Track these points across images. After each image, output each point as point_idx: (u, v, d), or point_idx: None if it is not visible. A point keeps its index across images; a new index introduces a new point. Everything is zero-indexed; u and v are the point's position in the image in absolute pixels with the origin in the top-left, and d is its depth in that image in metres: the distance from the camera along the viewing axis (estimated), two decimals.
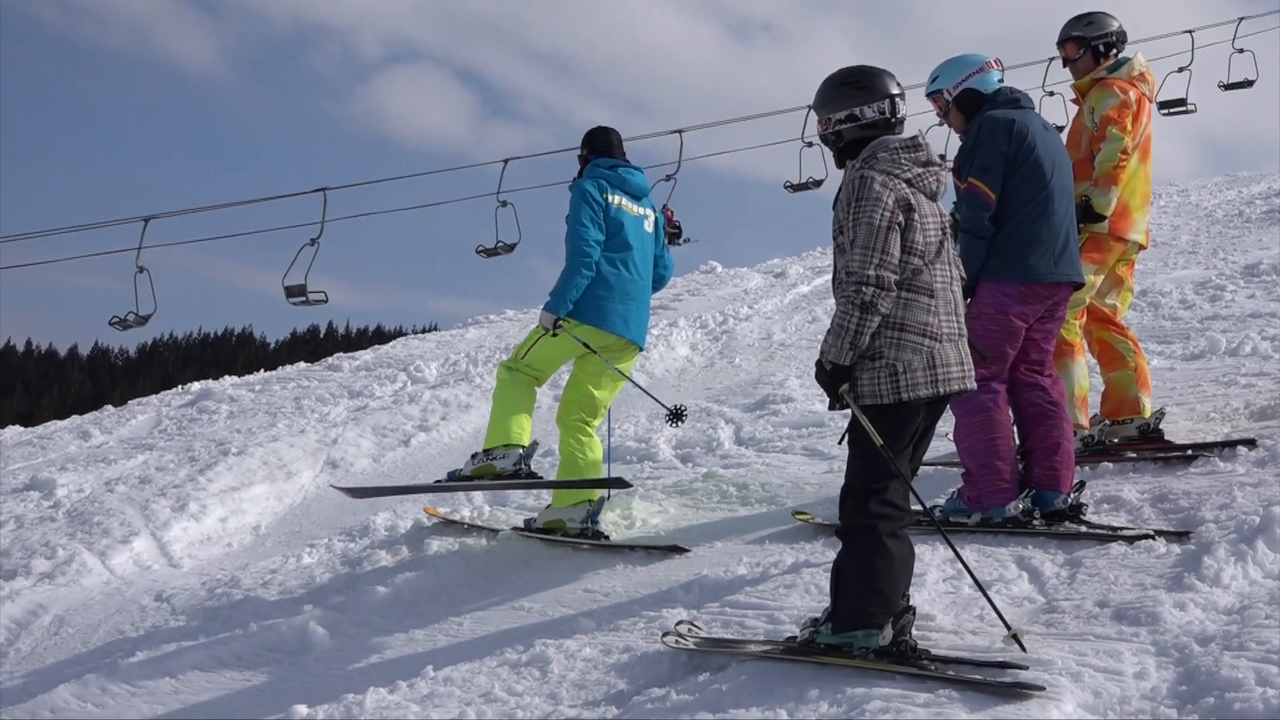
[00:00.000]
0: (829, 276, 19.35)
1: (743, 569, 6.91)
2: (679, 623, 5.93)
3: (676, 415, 7.99)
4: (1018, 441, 6.91)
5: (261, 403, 15.58)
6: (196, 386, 17.89)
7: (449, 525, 8.82)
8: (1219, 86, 14.37)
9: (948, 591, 5.96)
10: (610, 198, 7.89)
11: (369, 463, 12.35)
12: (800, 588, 6.37)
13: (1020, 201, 6.77)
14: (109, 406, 18.58)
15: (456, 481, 7.93)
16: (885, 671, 4.93)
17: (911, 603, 5.27)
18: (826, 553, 6.82)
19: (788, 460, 9.26)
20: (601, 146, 8.19)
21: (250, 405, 15.55)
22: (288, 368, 19.07)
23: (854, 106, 5.35)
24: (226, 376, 19.29)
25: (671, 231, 14.85)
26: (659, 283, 8.38)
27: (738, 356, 14.47)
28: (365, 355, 18.47)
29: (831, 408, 5.28)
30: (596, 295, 7.78)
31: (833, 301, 5.20)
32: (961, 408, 6.73)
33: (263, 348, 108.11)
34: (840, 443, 5.42)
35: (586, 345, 7.83)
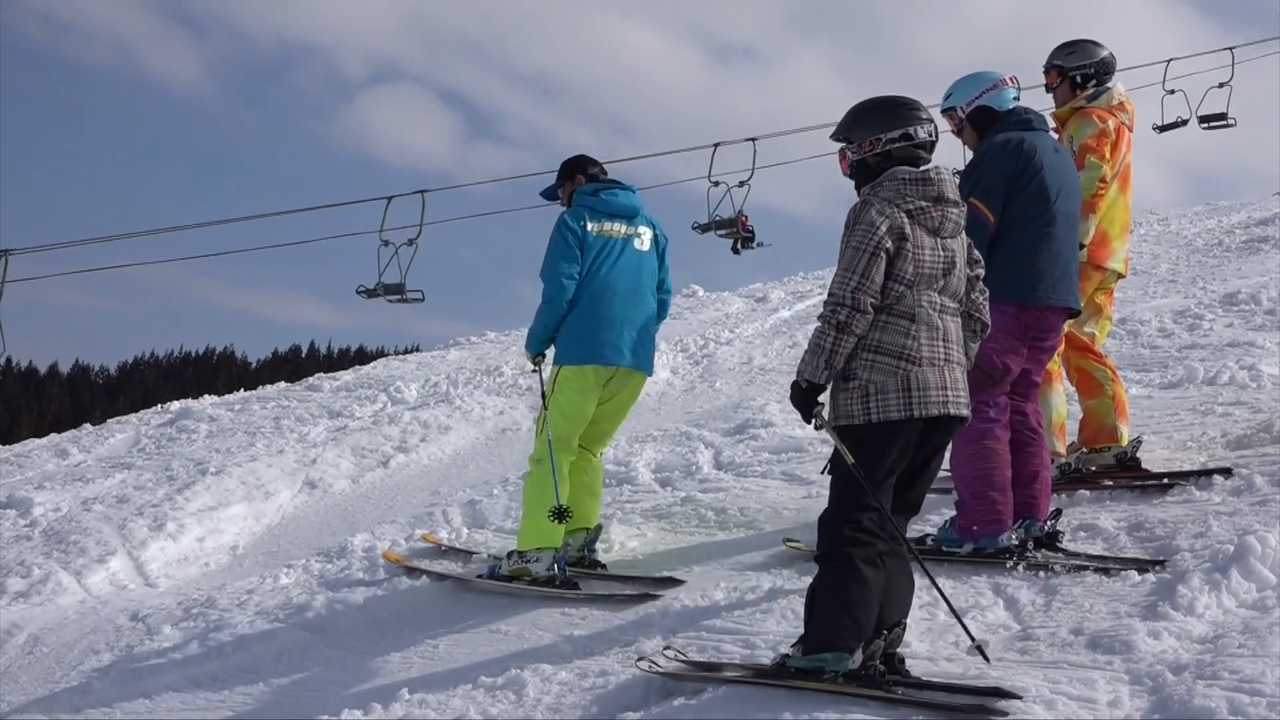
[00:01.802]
0: (810, 302, 19.38)
1: (720, 594, 6.91)
2: (666, 648, 5.91)
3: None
4: None
5: (241, 422, 15.56)
6: (176, 405, 17.87)
7: (424, 549, 8.82)
8: (1154, 128, 14.55)
9: (923, 618, 5.96)
10: (589, 225, 7.59)
11: (348, 484, 12.32)
12: (777, 613, 6.37)
13: (1022, 223, 6.73)
14: (88, 425, 18.55)
15: (495, 579, 7.58)
16: (859, 696, 4.94)
17: (903, 627, 5.29)
18: (803, 579, 6.82)
19: (767, 485, 9.26)
20: (595, 170, 7.97)
21: (229, 425, 15.54)
22: (268, 387, 19.05)
23: (909, 126, 5.38)
24: (206, 395, 19.28)
25: (745, 235, 14.95)
26: (660, 307, 7.98)
27: (718, 380, 14.49)
28: (346, 376, 18.47)
29: (810, 425, 5.31)
30: (584, 331, 7.50)
31: (814, 326, 5.24)
32: (959, 432, 6.71)
33: (244, 367, 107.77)
34: (823, 471, 5.43)
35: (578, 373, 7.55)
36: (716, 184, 14.65)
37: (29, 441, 18.07)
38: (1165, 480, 7.55)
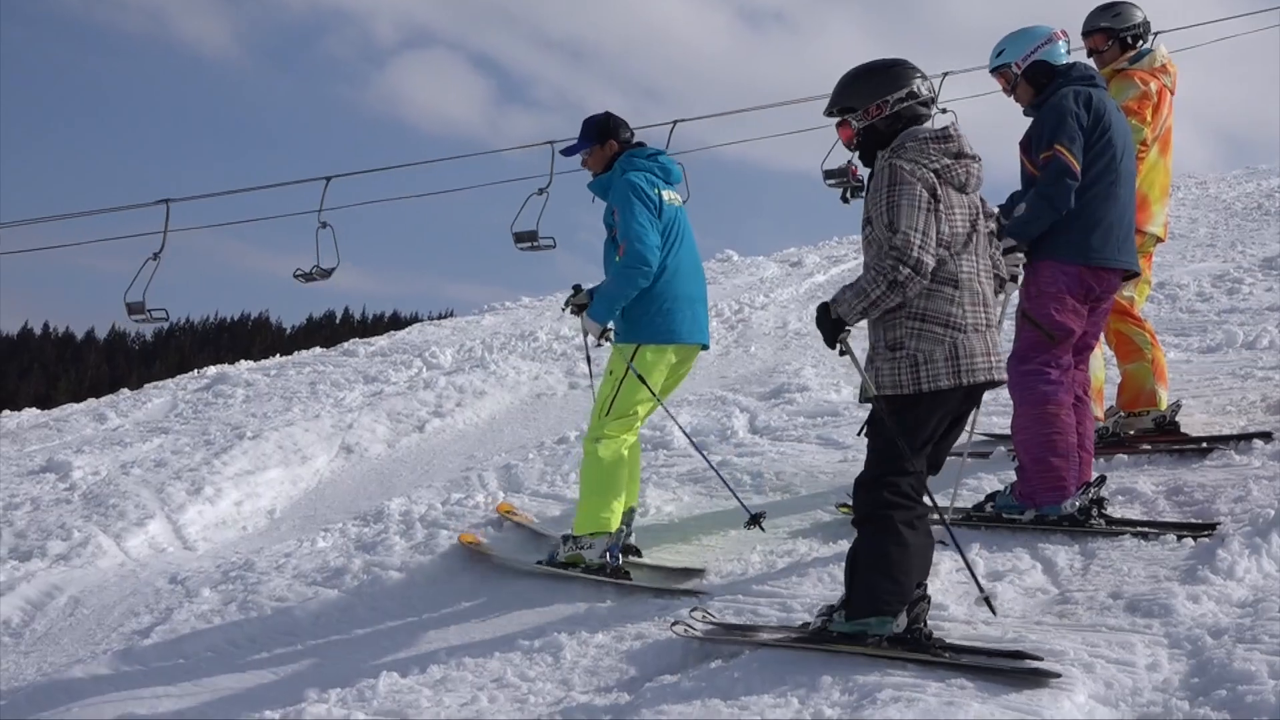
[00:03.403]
0: (845, 266, 19.33)
1: (756, 558, 6.93)
2: (693, 609, 5.91)
3: (755, 520, 7.43)
4: None
5: (277, 387, 15.61)
6: (212, 370, 17.94)
7: (458, 516, 8.85)
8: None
9: (960, 582, 5.95)
10: (662, 193, 7.21)
11: (384, 448, 12.36)
12: (813, 576, 6.38)
13: (1090, 181, 6.63)
14: (125, 390, 18.65)
15: (552, 566, 7.20)
16: (898, 660, 4.93)
17: (927, 592, 5.27)
18: (838, 543, 6.82)
19: (802, 449, 9.24)
20: (627, 134, 7.44)
21: (266, 390, 15.59)
22: (303, 353, 19.11)
23: (911, 84, 5.31)
24: (242, 361, 19.36)
25: (855, 184, 14.96)
26: None
27: (753, 345, 14.46)
28: (381, 341, 18.50)
29: (833, 348, 5.28)
30: (666, 309, 7.11)
31: None
32: (1021, 396, 6.62)
33: (279, 333, 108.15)
34: (859, 434, 5.41)
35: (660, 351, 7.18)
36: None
37: (67, 406, 18.18)
38: (1204, 444, 7.51)
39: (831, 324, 5.19)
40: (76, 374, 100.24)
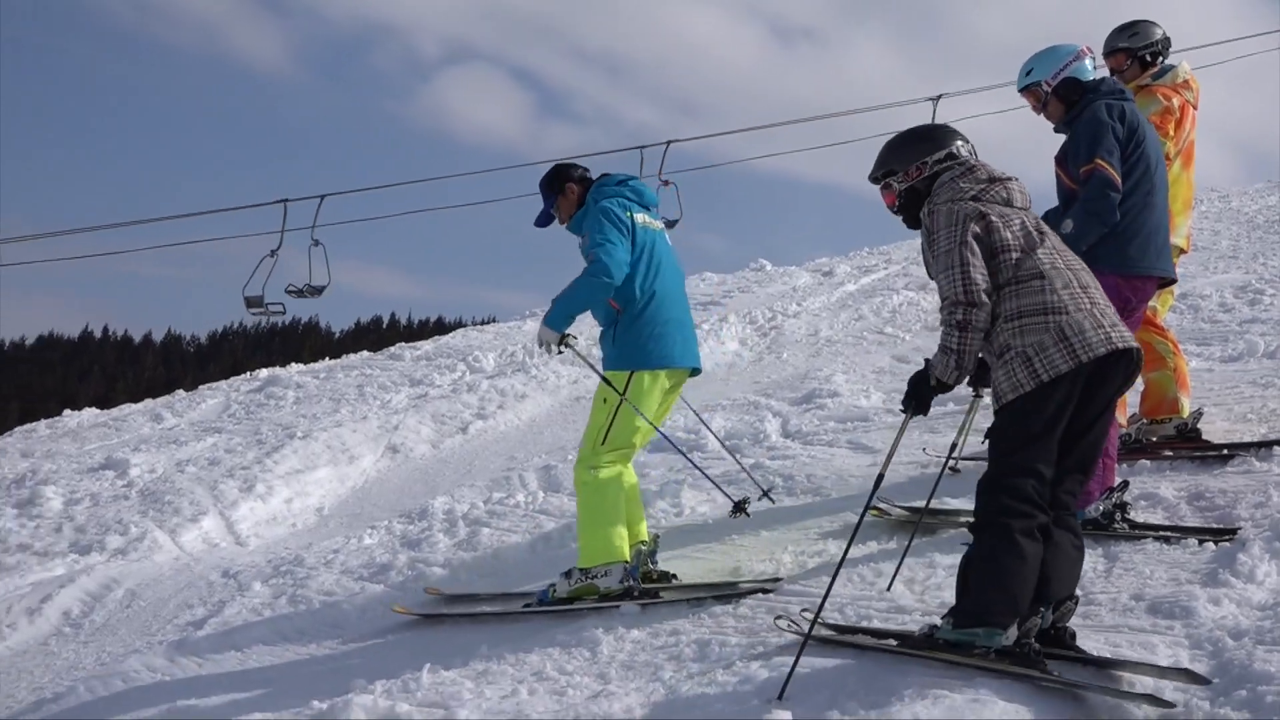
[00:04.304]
0: (875, 276, 19.27)
1: (788, 558, 6.91)
2: (803, 609, 5.63)
3: (740, 507, 7.37)
4: None
5: (326, 389, 15.69)
6: (264, 373, 18.04)
7: (499, 515, 8.88)
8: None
9: None
10: (635, 215, 6.93)
11: (428, 449, 12.41)
12: (843, 576, 6.31)
13: (1126, 191, 6.59)
14: (181, 391, 18.78)
15: (551, 606, 6.73)
16: (1007, 674, 4.67)
17: (1068, 601, 4.95)
18: (868, 544, 6.81)
19: (833, 453, 9.22)
20: (580, 172, 7.20)
21: (315, 392, 15.67)
22: (351, 356, 19.20)
23: (950, 146, 5.30)
24: (293, 364, 19.44)
25: None
26: None
27: (785, 352, 14.44)
28: (426, 345, 18.56)
29: (918, 414, 5.20)
30: (658, 334, 6.79)
31: (879, 299, 5.18)
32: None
33: (328, 337, 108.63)
34: (983, 441, 5.31)
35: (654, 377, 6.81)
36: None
37: (125, 406, 18.32)
38: (1225, 451, 7.46)
39: (930, 390, 5.09)
40: (134, 375, 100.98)
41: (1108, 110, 6.69)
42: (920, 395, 5.13)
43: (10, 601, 8.87)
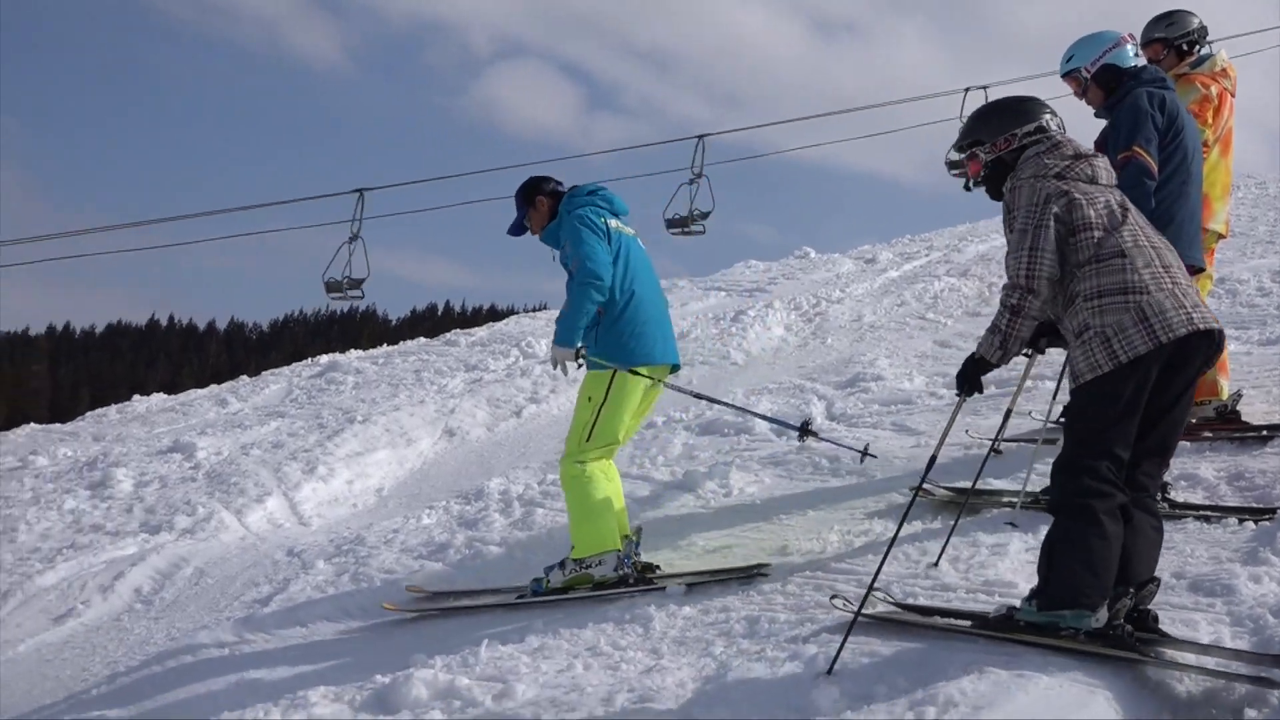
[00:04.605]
0: (917, 263, 19.15)
1: (834, 537, 6.90)
2: (876, 588, 5.40)
3: (805, 430, 7.18)
4: None
5: (384, 374, 15.76)
6: (325, 359, 18.13)
7: (553, 495, 8.90)
8: None
9: (1029, 561, 5.88)
10: (609, 221, 7.00)
11: (484, 432, 12.46)
12: (890, 555, 6.33)
13: (1162, 180, 6.55)
14: (244, 376, 18.90)
15: (545, 595, 6.81)
16: (1094, 655, 4.56)
17: (1151, 583, 4.81)
18: (913, 523, 6.78)
19: (877, 435, 9.18)
20: (552, 185, 7.24)
21: (374, 377, 15.74)
22: (408, 342, 19.25)
23: (1040, 119, 5.14)
24: (352, 350, 19.53)
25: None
26: None
27: (830, 337, 14.38)
28: (480, 332, 18.59)
29: (966, 394, 5.10)
30: (638, 333, 6.89)
31: (921, 285, 5.13)
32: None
33: (385, 324, 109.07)
34: (1057, 420, 5.24)
35: (635, 374, 6.88)
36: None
37: (191, 391, 18.47)
38: (1264, 432, 7.38)
39: (974, 367, 5.01)
40: (199, 362, 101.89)
41: (1149, 98, 6.64)
42: (969, 375, 5.04)
43: (85, 579, 9.00)
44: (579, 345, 6.81)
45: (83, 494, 11.35)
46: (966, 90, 14.84)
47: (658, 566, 6.92)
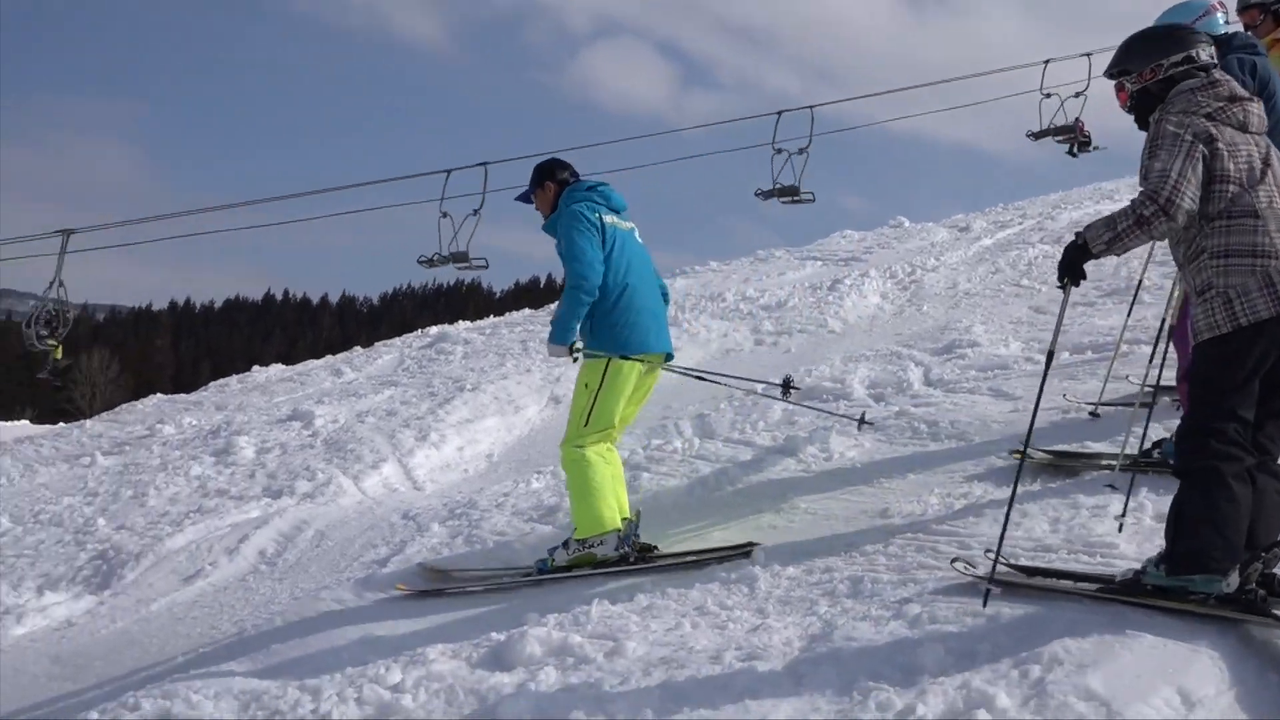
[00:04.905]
0: (1010, 231, 18.81)
1: (934, 499, 6.85)
2: (987, 550, 5.34)
3: (787, 386, 7.51)
4: None
5: (492, 344, 15.89)
6: (434, 330, 18.32)
7: (657, 460, 8.93)
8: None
9: (1130, 523, 5.81)
10: (604, 217, 7.05)
11: None
12: (989, 517, 6.28)
13: None
14: (358, 348, 19.15)
15: (549, 574, 6.94)
16: (1232, 620, 4.44)
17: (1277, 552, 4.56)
18: (1006, 487, 6.71)
19: (975, 400, 9.09)
20: (564, 175, 7.30)
21: (482, 347, 15.88)
22: (514, 314, 19.40)
23: (1190, 49, 4.87)
24: (460, 321, 19.70)
25: (1083, 140, 15.00)
26: (664, 294, 7.50)
27: (925, 304, 14.24)
28: None
29: (1066, 281, 4.78)
30: (631, 323, 6.98)
31: (1015, 253, 4.99)
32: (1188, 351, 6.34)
33: (489, 296, 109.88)
34: (1181, 380, 5.07)
35: (626, 359, 6.96)
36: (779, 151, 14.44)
37: (308, 362, 18.77)
38: None
39: (1076, 251, 4.69)
40: (313, 335, 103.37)
41: (1239, 64, 6.47)
42: (1075, 261, 4.72)
43: (211, 541, 9.20)
44: (572, 343, 6.93)
45: (208, 460, 11.60)
46: (1046, 63, 14.69)
47: (656, 547, 7.02)
